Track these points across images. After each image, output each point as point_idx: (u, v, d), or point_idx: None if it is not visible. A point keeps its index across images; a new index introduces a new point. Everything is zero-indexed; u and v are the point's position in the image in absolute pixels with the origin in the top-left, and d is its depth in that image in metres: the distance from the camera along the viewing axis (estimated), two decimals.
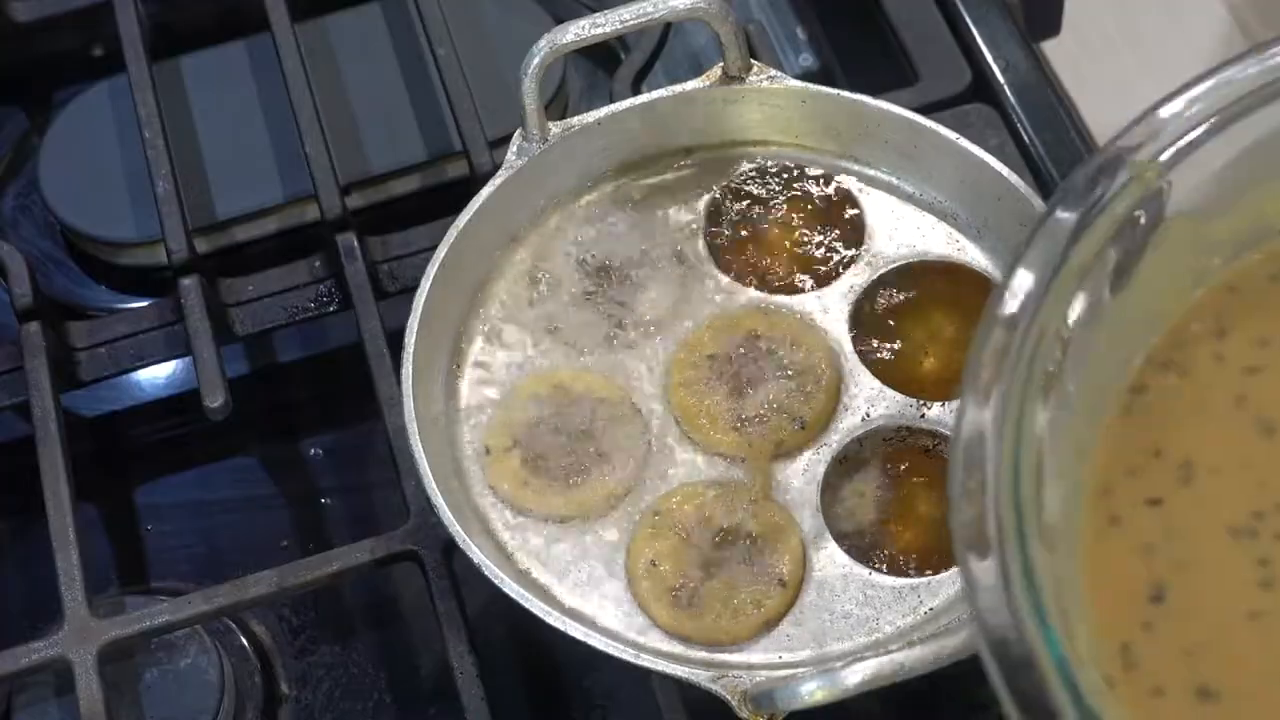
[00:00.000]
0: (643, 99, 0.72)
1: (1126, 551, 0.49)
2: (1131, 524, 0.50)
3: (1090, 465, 0.51)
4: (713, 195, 0.72)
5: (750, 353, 0.67)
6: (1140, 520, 0.50)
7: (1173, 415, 0.52)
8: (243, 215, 0.83)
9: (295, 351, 0.82)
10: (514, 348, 0.69)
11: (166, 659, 0.70)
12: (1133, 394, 0.52)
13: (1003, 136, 0.79)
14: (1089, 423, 0.51)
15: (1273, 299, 0.54)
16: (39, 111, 0.92)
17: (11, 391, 0.76)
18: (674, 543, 0.63)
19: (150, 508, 0.79)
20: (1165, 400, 0.52)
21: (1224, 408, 0.52)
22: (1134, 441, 0.51)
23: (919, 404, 0.66)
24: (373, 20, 0.88)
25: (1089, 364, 0.49)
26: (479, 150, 0.78)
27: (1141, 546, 0.49)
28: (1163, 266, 0.51)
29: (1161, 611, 0.48)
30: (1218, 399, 0.52)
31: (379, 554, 0.68)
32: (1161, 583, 0.49)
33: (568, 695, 0.71)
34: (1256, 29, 1.02)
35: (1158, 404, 0.52)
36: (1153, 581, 0.49)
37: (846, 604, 0.62)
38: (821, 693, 0.54)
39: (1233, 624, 0.48)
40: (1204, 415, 0.52)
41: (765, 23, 0.87)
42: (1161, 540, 0.50)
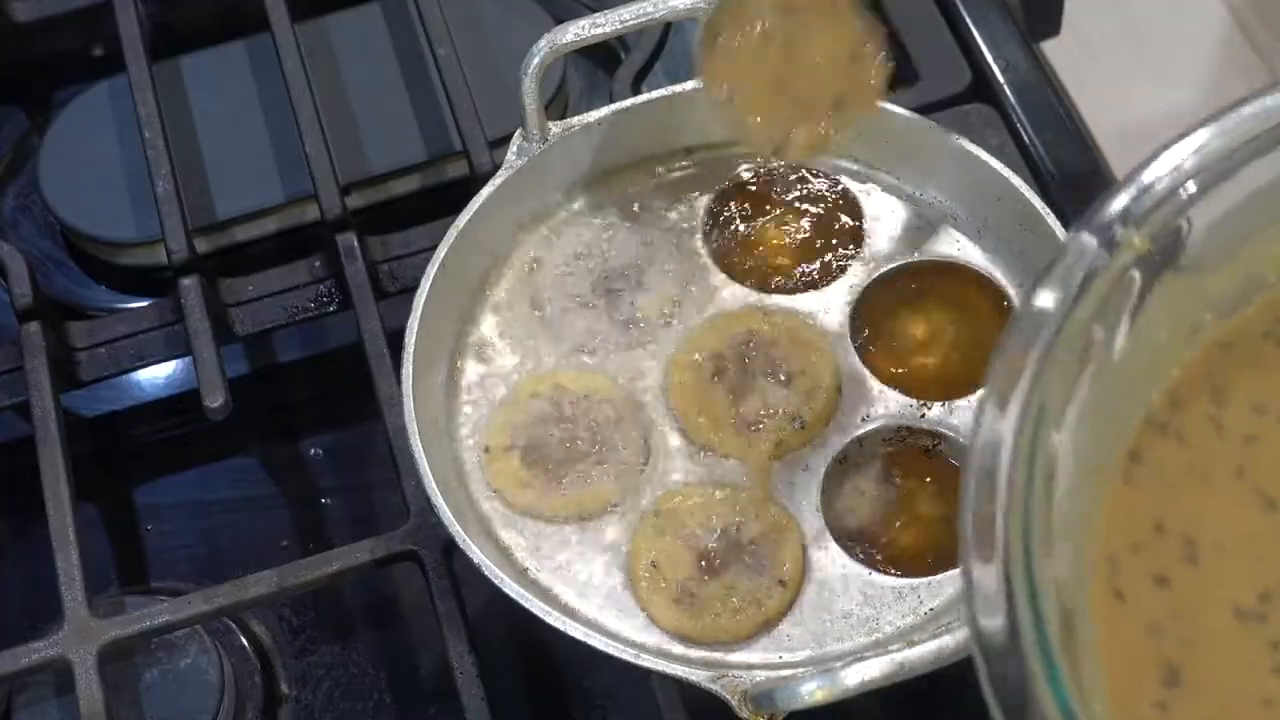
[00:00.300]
0: (643, 99, 0.72)
1: (1135, 629, 0.48)
2: (1138, 601, 0.49)
3: (1094, 533, 0.49)
4: (712, 195, 0.72)
5: (750, 353, 0.67)
6: (1146, 598, 0.49)
7: (1172, 486, 0.51)
8: (243, 215, 0.83)
9: (295, 351, 0.82)
10: (514, 348, 0.69)
11: (166, 659, 0.70)
12: (1131, 460, 0.51)
13: (1003, 136, 0.79)
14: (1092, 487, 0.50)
15: (1267, 357, 0.53)
16: (39, 111, 0.92)
17: (11, 391, 0.76)
18: (674, 543, 0.63)
19: (150, 508, 0.79)
20: (1164, 468, 0.51)
21: (1224, 480, 0.51)
22: (1135, 513, 0.50)
23: (919, 404, 0.66)
24: (373, 20, 0.88)
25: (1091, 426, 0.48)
26: (479, 150, 0.78)
27: (1149, 625, 0.48)
28: (1158, 322, 0.51)
29: (1176, 694, 0.47)
30: (1218, 470, 0.51)
31: (379, 554, 0.68)
32: (1173, 663, 0.48)
33: (568, 695, 0.71)
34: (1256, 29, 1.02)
35: (1157, 472, 0.51)
36: (1163, 662, 0.48)
37: (846, 604, 0.62)
38: (821, 693, 0.54)
39: (1247, 710, 0.47)
40: (1204, 488, 0.51)
41: None
42: (1169, 620, 0.48)
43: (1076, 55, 0.89)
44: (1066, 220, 0.68)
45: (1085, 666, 0.45)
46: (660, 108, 0.72)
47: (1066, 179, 0.78)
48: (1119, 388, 0.50)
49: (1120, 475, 0.51)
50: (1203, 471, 0.51)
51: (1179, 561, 0.49)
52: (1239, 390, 0.52)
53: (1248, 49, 1.02)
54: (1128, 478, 0.51)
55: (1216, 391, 0.52)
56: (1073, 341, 0.48)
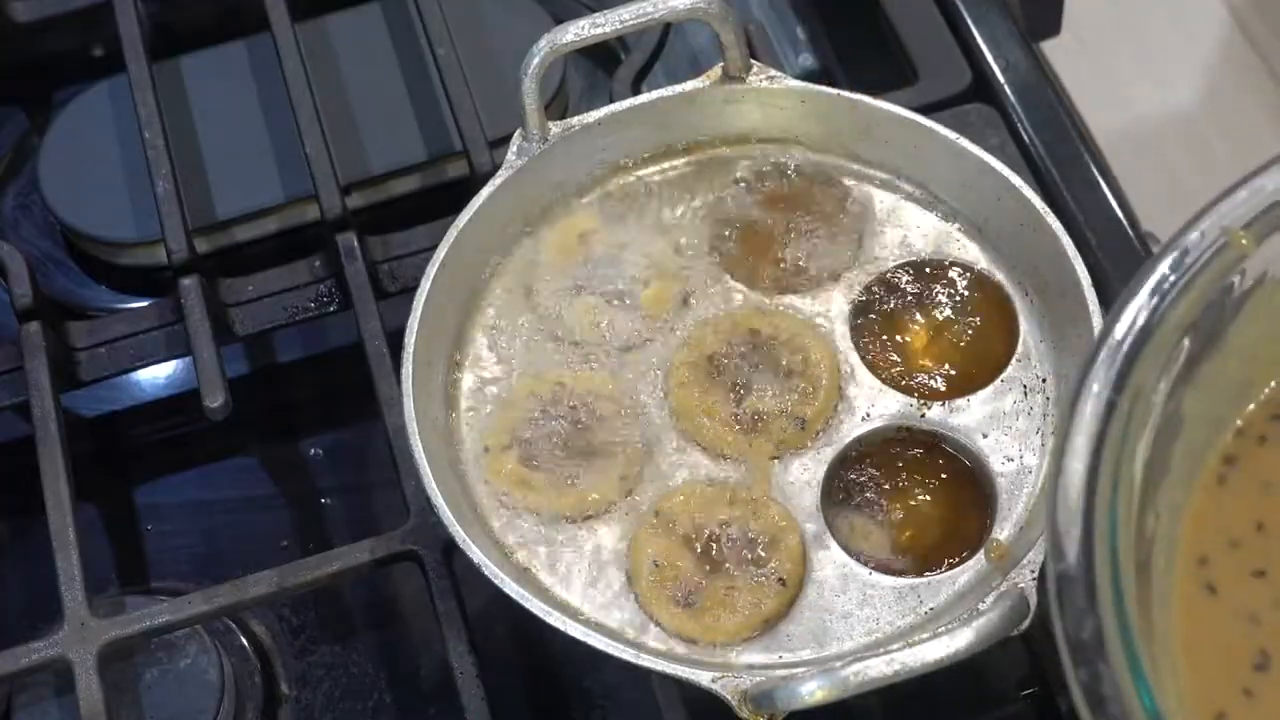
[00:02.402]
0: (643, 99, 0.72)
1: (1228, 618, 0.50)
2: (1233, 594, 0.50)
3: (1184, 531, 0.51)
4: (713, 195, 0.72)
5: (750, 353, 0.67)
6: (1243, 590, 0.50)
7: (1274, 491, 0.52)
8: (243, 215, 0.83)
9: (295, 351, 0.82)
10: (514, 347, 0.69)
11: (166, 659, 0.70)
12: (1226, 464, 0.53)
13: (1003, 136, 0.79)
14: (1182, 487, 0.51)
15: None
16: (39, 111, 0.92)
17: (11, 391, 0.76)
18: (674, 543, 0.63)
19: (150, 508, 0.79)
20: (1265, 474, 0.52)
21: None
22: (1232, 513, 0.52)
23: (919, 404, 0.66)
24: (373, 20, 0.88)
25: (1181, 428, 0.50)
26: (479, 150, 0.78)
27: (1246, 615, 0.50)
28: (1253, 333, 0.52)
29: (1266, 680, 0.48)
30: None
31: (379, 554, 0.68)
32: (1268, 651, 0.49)
33: (568, 695, 0.71)
34: (1256, 29, 1.02)
35: (1256, 478, 0.52)
36: (1258, 649, 0.49)
37: (846, 604, 0.62)
38: (821, 693, 0.54)
39: None
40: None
41: (765, 23, 0.87)
42: (1268, 610, 0.50)
43: (1076, 55, 0.89)
44: (1067, 220, 0.69)
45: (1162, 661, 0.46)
46: (660, 108, 0.72)
47: (1066, 179, 0.78)
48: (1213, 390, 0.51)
49: (1214, 478, 0.52)
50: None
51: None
52: None
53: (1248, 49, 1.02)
54: (1221, 480, 0.52)
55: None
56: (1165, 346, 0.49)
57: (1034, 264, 0.67)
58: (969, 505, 0.64)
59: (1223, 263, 0.50)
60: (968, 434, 0.65)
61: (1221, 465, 0.53)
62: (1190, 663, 0.48)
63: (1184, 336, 0.49)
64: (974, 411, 0.66)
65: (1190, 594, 0.50)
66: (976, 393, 0.66)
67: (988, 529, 0.63)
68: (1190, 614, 0.50)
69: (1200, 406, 0.51)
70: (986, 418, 0.65)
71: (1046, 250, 0.66)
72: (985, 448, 0.65)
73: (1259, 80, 1.00)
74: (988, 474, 0.64)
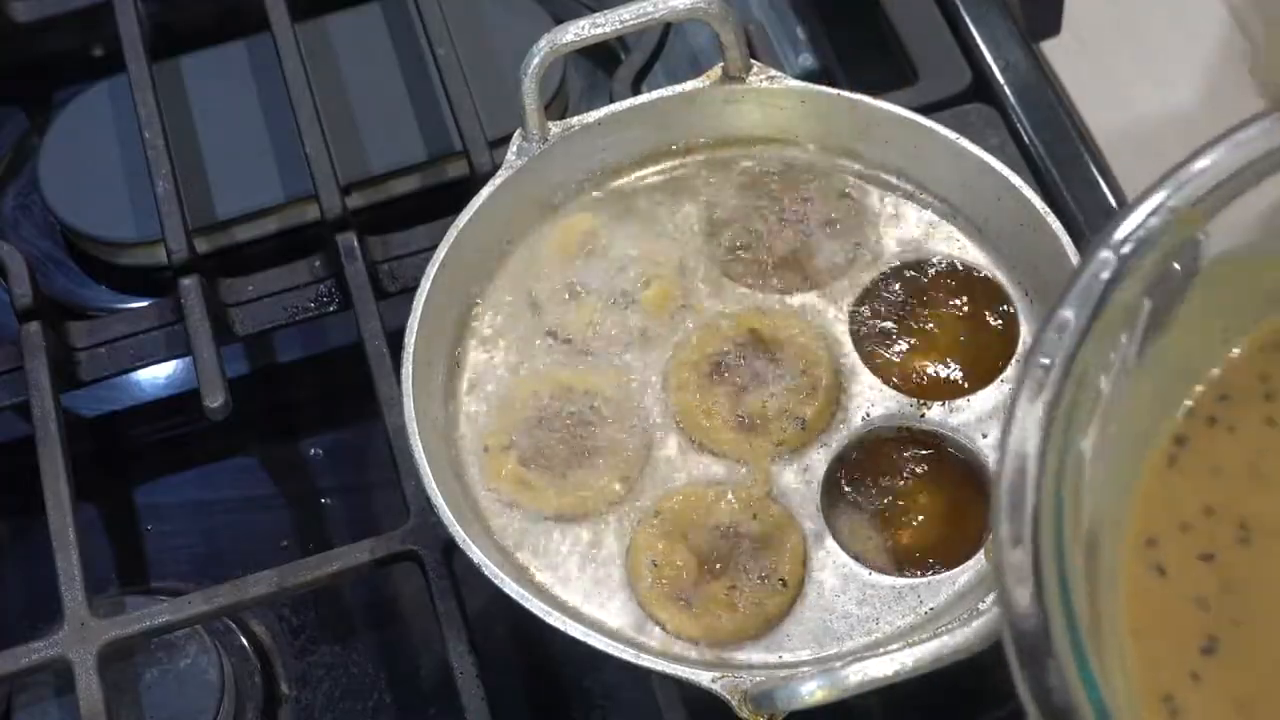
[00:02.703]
0: (643, 99, 0.72)
1: (1176, 601, 0.49)
2: (1182, 576, 0.50)
3: (1133, 511, 0.51)
4: (713, 195, 0.72)
5: (750, 353, 0.67)
6: (1192, 573, 0.50)
7: (1223, 474, 0.52)
8: (243, 215, 0.83)
9: (295, 351, 0.82)
10: (514, 347, 0.69)
11: (166, 659, 0.70)
12: (1176, 444, 0.52)
13: (1003, 136, 0.79)
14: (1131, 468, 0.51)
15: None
16: (39, 111, 0.92)
17: (11, 391, 0.76)
18: (674, 543, 0.63)
19: (150, 508, 0.79)
20: (1213, 457, 0.52)
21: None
22: (1182, 496, 0.51)
23: (919, 404, 0.66)
24: (373, 20, 0.88)
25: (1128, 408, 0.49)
26: (479, 150, 0.78)
27: (1194, 599, 0.49)
28: (1201, 314, 0.51)
29: (1213, 663, 0.48)
30: (1272, 465, 0.52)
31: (379, 554, 0.68)
32: (1215, 635, 0.49)
33: (568, 695, 0.71)
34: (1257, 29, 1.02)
35: (1204, 460, 0.52)
36: (1205, 633, 0.49)
37: (846, 604, 0.62)
38: (821, 693, 0.54)
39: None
40: (1259, 479, 0.52)
41: (765, 23, 0.87)
42: (1216, 593, 0.50)
43: (1076, 55, 0.89)
44: (1067, 220, 0.69)
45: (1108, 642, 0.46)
46: (660, 108, 0.72)
47: (1066, 179, 0.78)
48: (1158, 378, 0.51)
49: (1164, 459, 0.52)
50: (1255, 464, 0.52)
51: (1231, 543, 0.51)
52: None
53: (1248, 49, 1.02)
54: (1172, 461, 0.52)
55: (1268, 392, 0.53)
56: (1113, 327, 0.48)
57: (1034, 264, 0.67)
58: (969, 505, 0.64)
59: (1171, 242, 0.49)
60: (968, 434, 0.65)
61: (1172, 446, 0.52)
62: (1138, 645, 0.48)
63: (1133, 316, 0.49)
64: (974, 411, 0.66)
65: (1138, 575, 0.50)
66: (976, 393, 0.66)
67: (988, 529, 0.63)
68: (1138, 596, 0.49)
69: (1150, 386, 0.51)
70: (986, 418, 0.65)
71: (1046, 250, 0.66)
72: (985, 448, 0.65)
73: None
74: (988, 474, 0.64)
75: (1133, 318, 0.49)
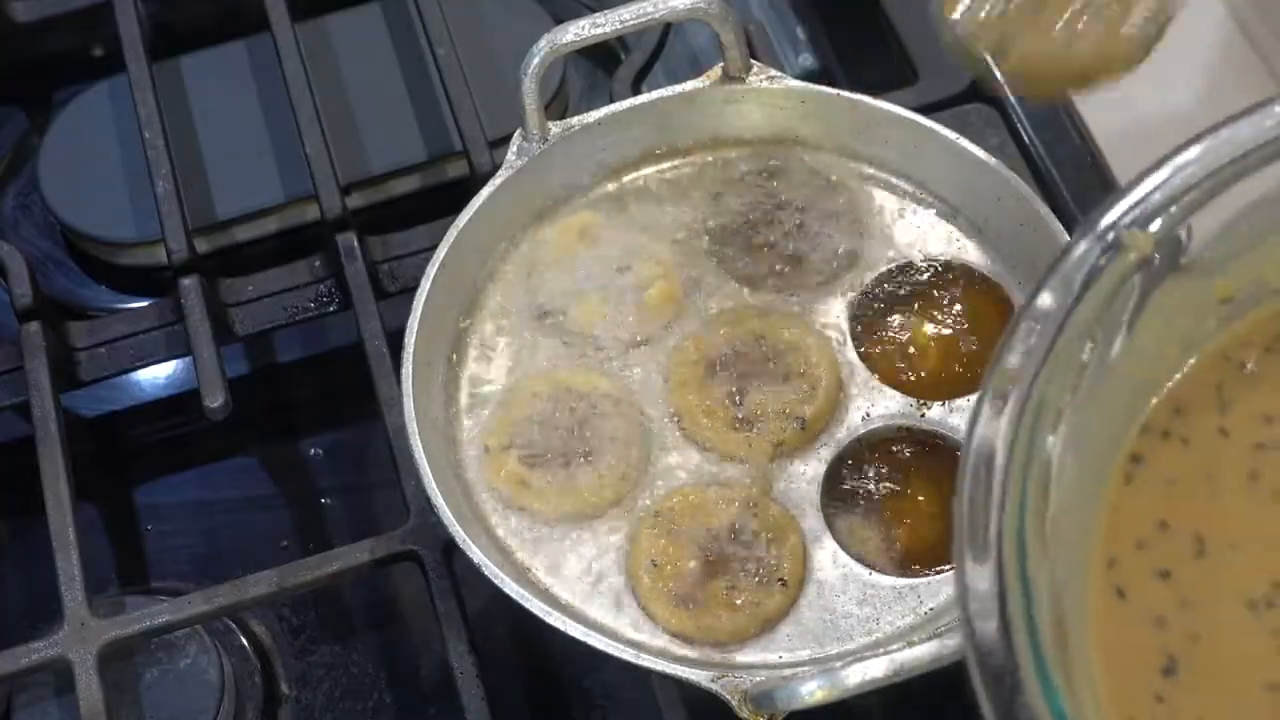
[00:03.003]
0: (643, 99, 0.72)
1: (1136, 623, 0.49)
2: (1140, 596, 0.50)
3: (1094, 535, 0.50)
4: (713, 195, 0.72)
5: (750, 353, 0.67)
6: (1150, 593, 0.50)
7: (1178, 488, 0.52)
8: (243, 215, 0.83)
9: (295, 351, 0.82)
10: (514, 347, 0.69)
11: (166, 659, 0.70)
12: (1132, 462, 0.52)
13: (1003, 136, 0.79)
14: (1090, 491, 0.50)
15: (1271, 371, 0.53)
16: (39, 111, 0.92)
17: (11, 391, 0.76)
18: (674, 543, 0.63)
19: (150, 508, 0.79)
20: (1168, 471, 0.52)
21: (1235, 484, 0.51)
22: (1138, 513, 0.51)
23: (919, 404, 0.66)
24: (373, 20, 0.88)
25: (1088, 430, 0.49)
26: (479, 150, 0.78)
27: (1152, 619, 0.49)
28: (1158, 328, 0.51)
29: (1174, 684, 0.48)
30: (1227, 475, 0.52)
31: (379, 554, 0.68)
32: (1174, 654, 0.48)
33: (568, 695, 0.71)
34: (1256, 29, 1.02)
35: (1160, 475, 0.52)
36: (1164, 653, 0.48)
37: (846, 604, 0.62)
38: (821, 693, 0.54)
39: (1251, 695, 0.48)
40: (1213, 490, 0.52)
41: (765, 23, 0.87)
42: (1174, 612, 0.49)
43: None
44: (1067, 220, 0.69)
45: (1077, 668, 0.46)
46: (660, 108, 0.72)
47: (1066, 179, 0.78)
48: (1117, 392, 0.51)
49: (1121, 476, 0.51)
50: (1210, 474, 0.52)
51: (1187, 557, 0.50)
52: (1245, 400, 0.53)
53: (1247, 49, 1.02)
54: (1129, 478, 0.51)
55: (1222, 402, 0.53)
56: (1073, 344, 0.48)
57: (1034, 264, 0.67)
58: None
59: (1122, 264, 0.49)
60: None
61: (1128, 464, 0.52)
62: (1105, 668, 0.48)
63: (1087, 342, 0.48)
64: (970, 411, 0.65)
65: (1101, 598, 0.49)
66: (976, 393, 0.66)
67: None
68: (1102, 619, 0.49)
69: (1107, 407, 0.50)
70: None
71: (1046, 250, 0.66)
72: None
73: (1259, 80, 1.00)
74: None
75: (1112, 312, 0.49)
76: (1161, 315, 0.51)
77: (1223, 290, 0.53)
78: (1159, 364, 0.53)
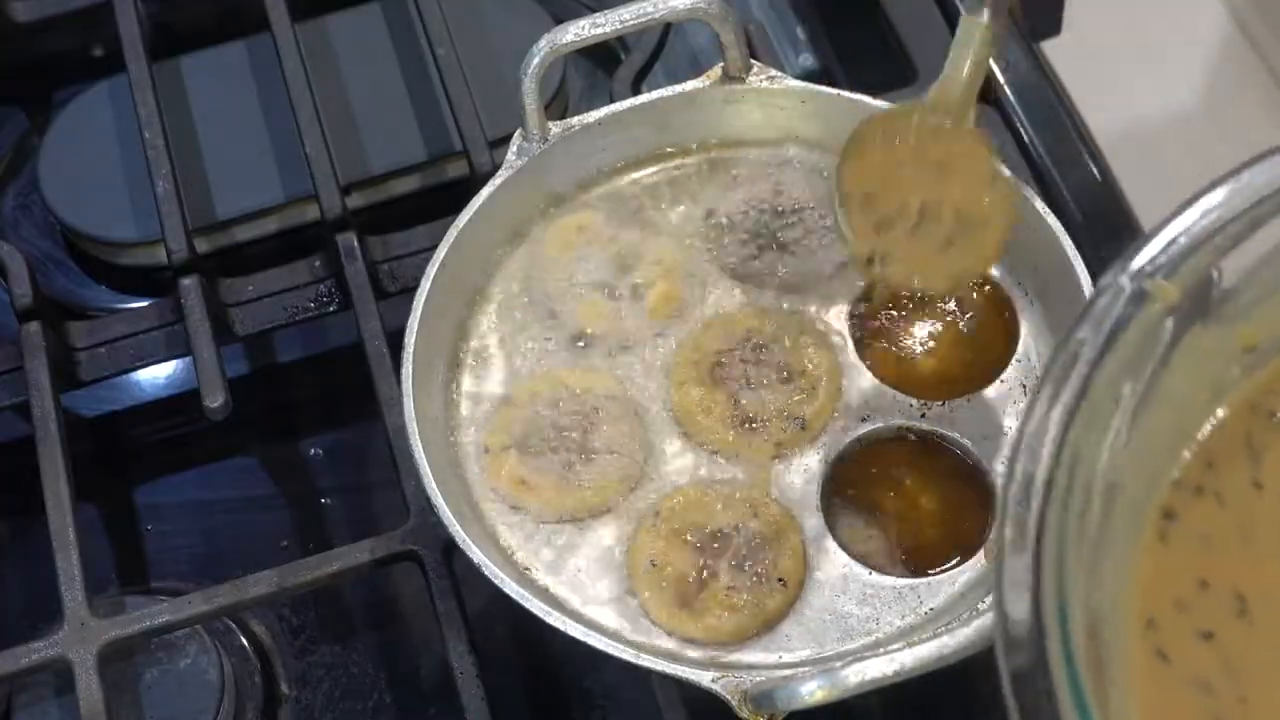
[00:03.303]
0: (643, 99, 0.72)
1: (1181, 686, 0.48)
2: (1183, 659, 0.48)
3: (1131, 594, 0.49)
4: (713, 195, 0.72)
5: (750, 353, 0.67)
6: (1193, 656, 0.49)
7: (1215, 545, 0.51)
8: (243, 215, 0.83)
9: (295, 351, 0.82)
10: (514, 347, 0.69)
11: (166, 659, 0.70)
12: (1166, 518, 0.51)
13: (1003, 136, 0.79)
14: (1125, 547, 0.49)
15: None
16: (39, 111, 0.92)
17: (11, 391, 0.76)
18: (674, 543, 0.63)
19: (150, 508, 0.79)
20: (1203, 528, 0.51)
21: (1273, 538, 0.51)
22: (1175, 572, 0.50)
23: (919, 404, 0.66)
24: (373, 20, 0.88)
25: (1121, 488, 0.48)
26: (479, 150, 0.78)
27: (1197, 682, 0.48)
28: (1184, 380, 0.50)
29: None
30: (1263, 531, 0.51)
31: (379, 554, 0.68)
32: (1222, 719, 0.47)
33: (568, 695, 0.71)
34: (1256, 29, 1.02)
35: (1195, 532, 0.51)
36: (1213, 718, 0.47)
37: (846, 604, 0.62)
38: (821, 693, 0.54)
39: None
40: (1251, 547, 0.51)
41: (765, 23, 0.87)
42: (1219, 676, 0.48)
43: (1076, 55, 0.89)
44: (1067, 221, 0.69)
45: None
46: (660, 108, 0.72)
47: (1066, 179, 0.78)
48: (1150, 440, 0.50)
49: (1155, 533, 0.50)
50: (1246, 530, 0.51)
51: (1229, 617, 0.49)
52: (1276, 450, 0.52)
53: (1247, 49, 1.02)
54: (1162, 536, 0.50)
55: (1253, 453, 0.52)
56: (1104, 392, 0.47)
57: (1034, 264, 0.67)
58: (969, 505, 0.64)
59: (1148, 315, 0.48)
60: (968, 434, 0.65)
61: (1161, 520, 0.51)
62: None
63: (1117, 397, 0.48)
64: (974, 411, 0.66)
65: (1143, 662, 0.48)
66: (976, 393, 0.66)
67: (988, 529, 0.63)
68: (1145, 683, 0.48)
69: (1138, 462, 0.49)
70: (986, 418, 0.65)
71: (1046, 250, 0.66)
72: (985, 448, 0.65)
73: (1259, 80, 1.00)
74: (987, 474, 0.64)
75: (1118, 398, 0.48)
76: (1190, 360, 0.50)
77: (1246, 338, 0.52)
78: (1189, 411, 0.52)
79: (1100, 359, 0.47)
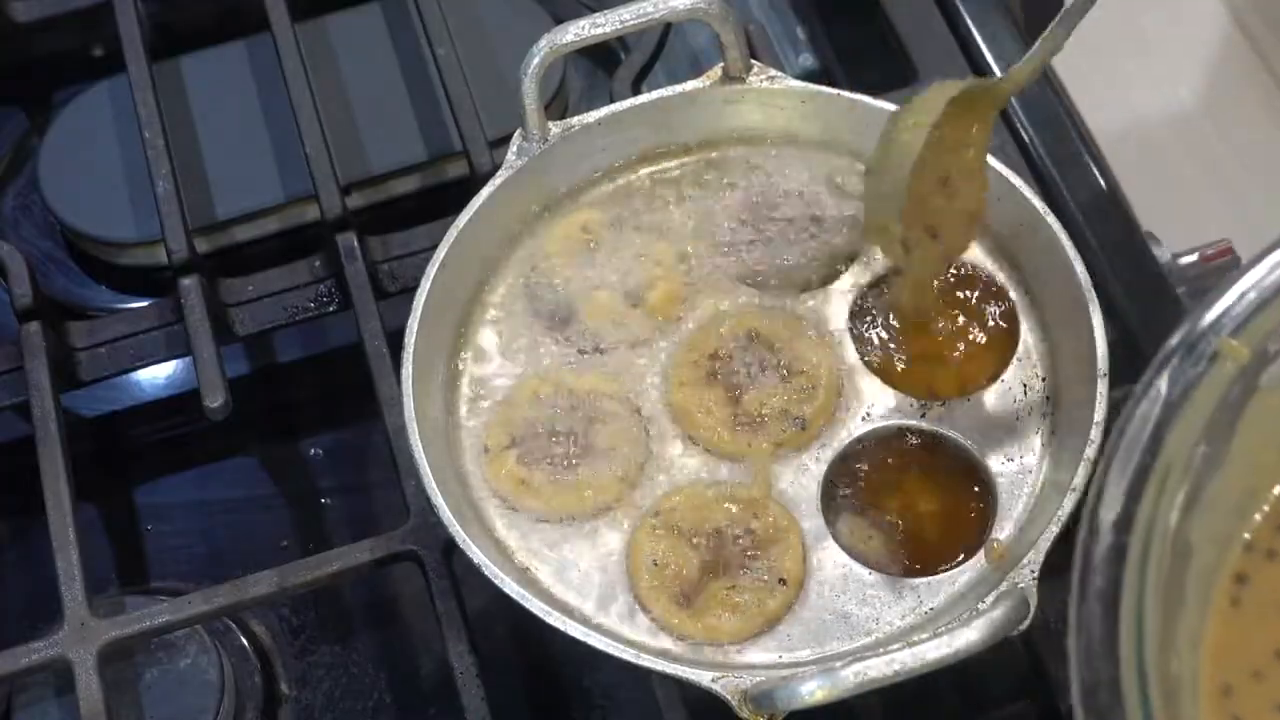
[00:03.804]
0: (643, 99, 0.72)
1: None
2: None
3: (1204, 658, 0.48)
4: (713, 195, 0.72)
5: (751, 353, 0.67)
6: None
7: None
8: (243, 215, 0.83)
9: (295, 351, 0.82)
10: (514, 347, 0.69)
11: (166, 659, 0.70)
12: (1237, 583, 0.50)
13: (1003, 136, 0.79)
14: (1197, 614, 0.49)
15: None
16: (39, 111, 0.92)
17: (11, 391, 0.76)
18: (674, 543, 0.63)
19: (150, 508, 0.79)
20: (1276, 593, 0.50)
21: None
22: (1250, 639, 0.49)
23: (919, 404, 0.66)
24: (373, 20, 0.88)
25: (1191, 552, 0.47)
26: (479, 150, 0.78)
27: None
28: (1254, 441, 0.50)
29: None
30: None
31: (379, 554, 0.68)
32: None
33: (568, 695, 0.71)
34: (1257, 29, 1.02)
35: (1269, 598, 0.50)
36: None
37: (846, 604, 0.62)
38: (821, 693, 0.54)
39: None
40: None
41: (765, 23, 0.87)
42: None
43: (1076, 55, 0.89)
44: (1066, 220, 0.69)
45: None
46: (660, 108, 0.72)
47: (1066, 179, 0.78)
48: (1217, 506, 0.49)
49: (1227, 599, 0.50)
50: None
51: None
52: None
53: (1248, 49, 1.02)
54: (1235, 601, 0.50)
55: None
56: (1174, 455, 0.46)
57: (1034, 264, 0.67)
58: (969, 505, 0.64)
59: (1219, 374, 0.48)
60: (968, 434, 0.65)
61: (1233, 585, 0.50)
62: None
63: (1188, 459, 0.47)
64: (974, 411, 0.66)
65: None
66: (976, 393, 0.66)
67: (988, 529, 0.63)
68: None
69: (1208, 526, 0.49)
70: (986, 417, 0.65)
71: (1046, 250, 0.66)
72: (985, 448, 0.65)
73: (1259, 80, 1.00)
74: (987, 474, 0.64)
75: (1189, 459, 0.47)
76: (1259, 419, 0.49)
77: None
78: (1259, 472, 0.51)
79: (1171, 420, 0.47)
